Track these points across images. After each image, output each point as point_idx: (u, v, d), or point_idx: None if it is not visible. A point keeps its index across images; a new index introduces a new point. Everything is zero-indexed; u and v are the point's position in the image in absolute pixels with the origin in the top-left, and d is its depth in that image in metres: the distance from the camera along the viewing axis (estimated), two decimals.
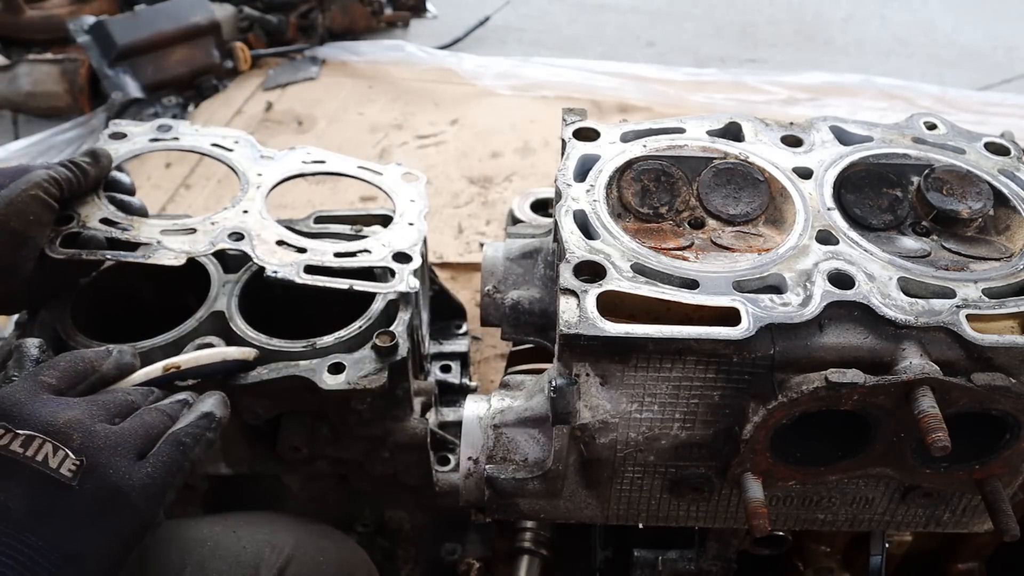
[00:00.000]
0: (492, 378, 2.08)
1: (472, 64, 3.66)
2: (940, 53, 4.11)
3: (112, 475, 0.81)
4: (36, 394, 0.85)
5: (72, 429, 0.82)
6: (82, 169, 1.20)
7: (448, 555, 1.60)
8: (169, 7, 3.40)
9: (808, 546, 1.46)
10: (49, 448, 0.79)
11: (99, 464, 0.81)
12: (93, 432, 0.83)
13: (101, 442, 0.83)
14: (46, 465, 0.79)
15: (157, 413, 0.90)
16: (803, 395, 0.91)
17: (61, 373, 0.89)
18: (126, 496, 0.82)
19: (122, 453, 0.83)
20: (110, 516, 0.81)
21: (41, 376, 0.88)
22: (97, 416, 0.85)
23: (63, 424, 0.82)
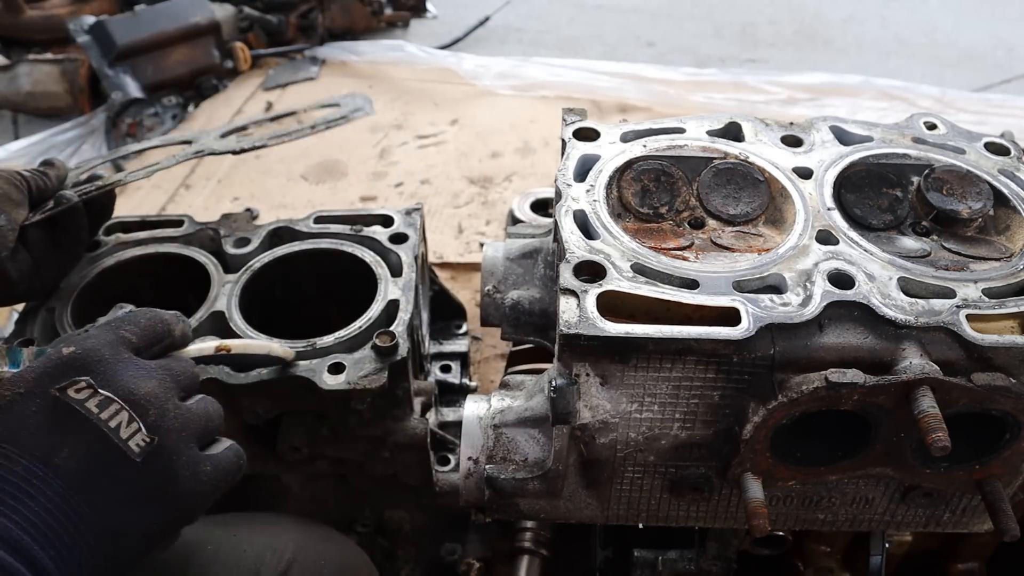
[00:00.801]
0: (492, 378, 2.08)
1: (472, 64, 3.66)
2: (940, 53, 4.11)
3: (175, 462, 0.80)
4: (118, 351, 0.82)
5: (150, 403, 0.80)
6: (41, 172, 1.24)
7: (448, 555, 1.60)
8: (169, 7, 3.40)
9: (808, 546, 1.46)
10: (124, 417, 0.77)
11: (165, 447, 0.79)
12: (166, 411, 0.81)
13: (171, 423, 0.81)
14: (117, 433, 0.76)
15: (214, 405, 0.89)
16: (803, 395, 0.91)
17: (142, 331, 0.87)
18: (180, 486, 0.80)
19: (187, 440, 0.82)
20: (162, 502, 0.80)
21: (122, 331, 0.85)
22: (172, 390, 0.83)
23: (143, 395, 0.80)
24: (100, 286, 1.34)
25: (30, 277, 1.21)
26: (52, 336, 1.24)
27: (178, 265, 1.37)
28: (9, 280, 1.17)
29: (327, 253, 1.38)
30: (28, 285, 1.22)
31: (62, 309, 1.27)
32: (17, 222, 1.16)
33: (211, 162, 3.01)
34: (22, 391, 0.77)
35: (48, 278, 1.27)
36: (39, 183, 1.22)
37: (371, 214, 1.46)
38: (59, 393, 0.76)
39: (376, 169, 3.00)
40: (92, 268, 1.34)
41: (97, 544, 0.75)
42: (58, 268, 1.29)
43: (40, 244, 1.21)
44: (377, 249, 1.38)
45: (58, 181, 1.27)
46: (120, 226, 1.46)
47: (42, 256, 1.22)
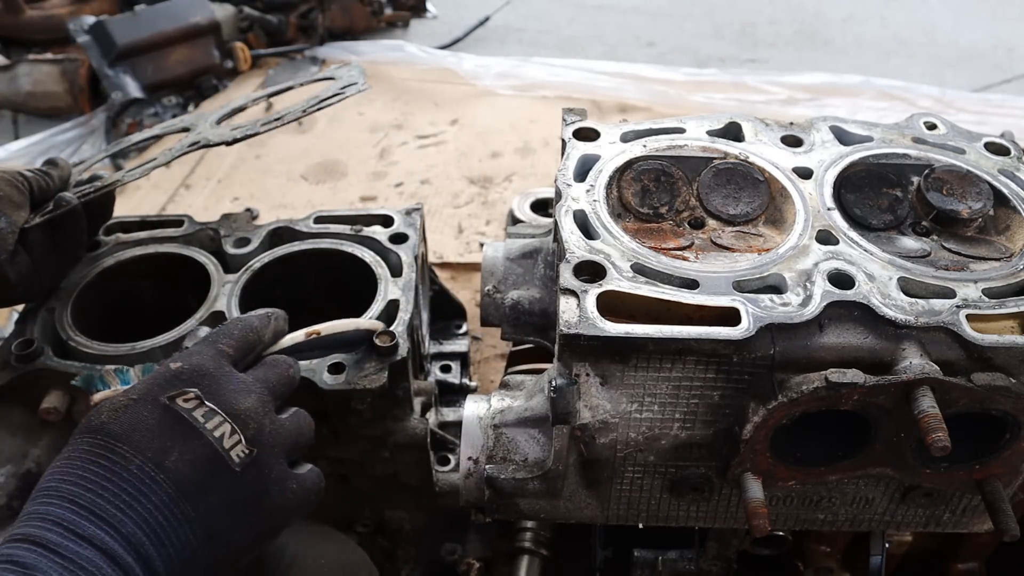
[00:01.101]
0: (492, 378, 2.08)
1: (472, 64, 3.66)
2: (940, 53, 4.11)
3: (267, 475, 0.85)
4: (221, 365, 0.87)
5: (249, 417, 0.84)
6: (44, 172, 1.25)
7: (448, 555, 1.60)
8: (169, 7, 3.41)
9: (808, 546, 1.46)
10: (227, 429, 0.82)
11: (261, 461, 0.84)
12: (263, 425, 0.86)
13: (267, 438, 0.85)
14: (220, 443, 0.81)
15: (306, 420, 0.94)
16: (803, 395, 0.91)
17: (237, 343, 0.92)
18: (270, 499, 0.85)
19: (278, 455, 0.87)
20: (255, 513, 0.84)
21: (220, 344, 0.90)
22: (268, 404, 0.88)
23: (243, 410, 0.84)
24: (100, 286, 1.33)
25: (29, 279, 1.21)
26: (52, 336, 1.24)
27: (178, 265, 1.37)
28: (8, 282, 1.17)
29: (327, 253, 1.38)
30: (27, 287, 1.22)
31: (62, 309, 1.26)
32: (17, 224, 1.16)
33: (211, 162, 3.01)
34: (135, 397, 0.82)
35: (47, 280, 1.27)
36: (41, 183, 1.22)
37: (371, 214, 1.46)
38: (169, 401, 0.81)
39: (376, 169, 3.00)
40: (92, 268, 1.34)
41: (200, 548, 0.79)
42: (57, 270, 1.29)
43: (39, 246, 1.21)
44: (377, 249, 1.38)
45: (60, 181, 1.27)
46: (120, 226, 1.45)
47: (41, 258, 1.22)
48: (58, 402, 1.16)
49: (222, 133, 1.27)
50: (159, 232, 1.43)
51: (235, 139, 1.22)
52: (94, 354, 1.20)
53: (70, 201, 1.20)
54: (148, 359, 1.20)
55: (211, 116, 1.37)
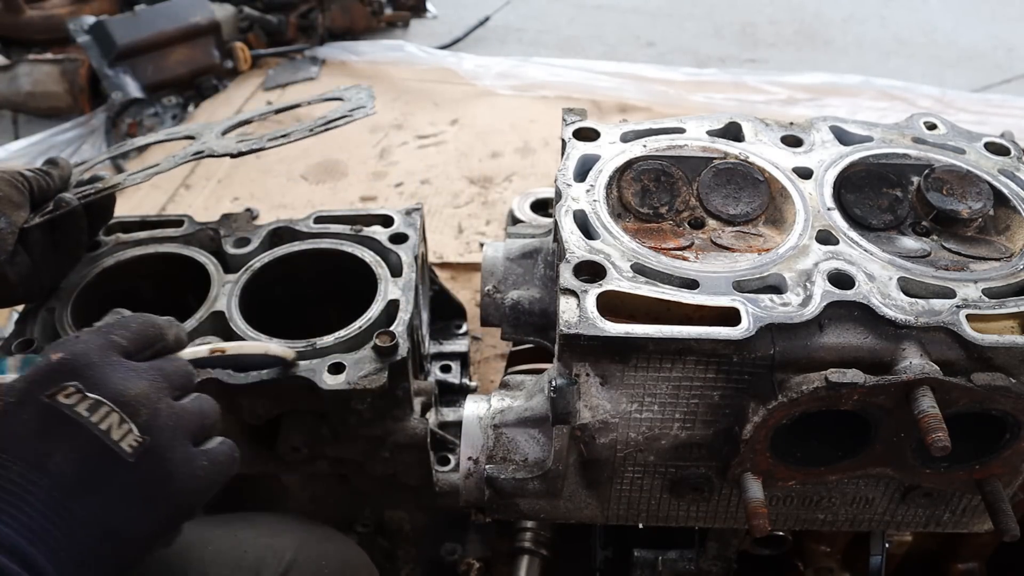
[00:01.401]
0: (492, 378, 2.08)
1: (472, 64, 3.66)
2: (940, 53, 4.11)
3: (169, 461, 0.80)
4: (107, 354, 0.82)
5: (140, 403, 0.80)
6: (44, 171, 1.24)
7: (448, 555, 1.60)
8: (169, 7, 3.40)
9: (808, 546, 1.46)
10: (115, 419, 0.77)
11: (159, 446, 0.79)
12: (158, 410, 0.81)
13: (164, 422, 0.81)
14: (108, 435, 0.77)
15: (210, 403, 0.89)
16: (803, 395, 0.91)
17: (133, 335, 0.86)
18: (177, 483, 0.81)
19: (180, 438, 0.82)
20: (157, 500, 0.80)
21: (113, 335, 0.85)
22: (163, 390, 0.83)
23: (132, 397, 0.80)
24: (100, 286, 1.33)
25: (29, 279, 1.21)
26: (52, 336, 1.24)
27: (178, 265, 1.37)
28: (8, 282, 1.17)
29: (327, 253, 1.38)
30: (27, 287, 1.22)
31: (62, 309, 1.26)
32: (17, 224, 1.16)
33: (211, 162, 3.00)
34: (13, 400, 0.78)
35: (47, 280, 1.27)
36: (41, 183, 1.22)
37: (371, 214, 1.45)
38: (48, 399, 0.77)
39: (376, 169, 3.00)
40: (92, 268, 1.34)
41: (96, 545, 0.76)
42: (57, 270, 1.29)
43: (39, 246, 1.21)
44: (377, 249, 1.38)
45: (61, 181, 1.26)
46: (120, 226, 1.45)
47: (41, 258, 1.22)
48: None
49: (227, 145, 1.27)
50: (159, 232, 1.43)
51: (240, 152, 1.22)
52: None
53: (70, 202, 1.20)
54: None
55: (217, 127, 1.37)
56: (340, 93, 1.37)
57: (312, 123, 1.25)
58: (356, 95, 1.34)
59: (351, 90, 1.37)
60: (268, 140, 1.23)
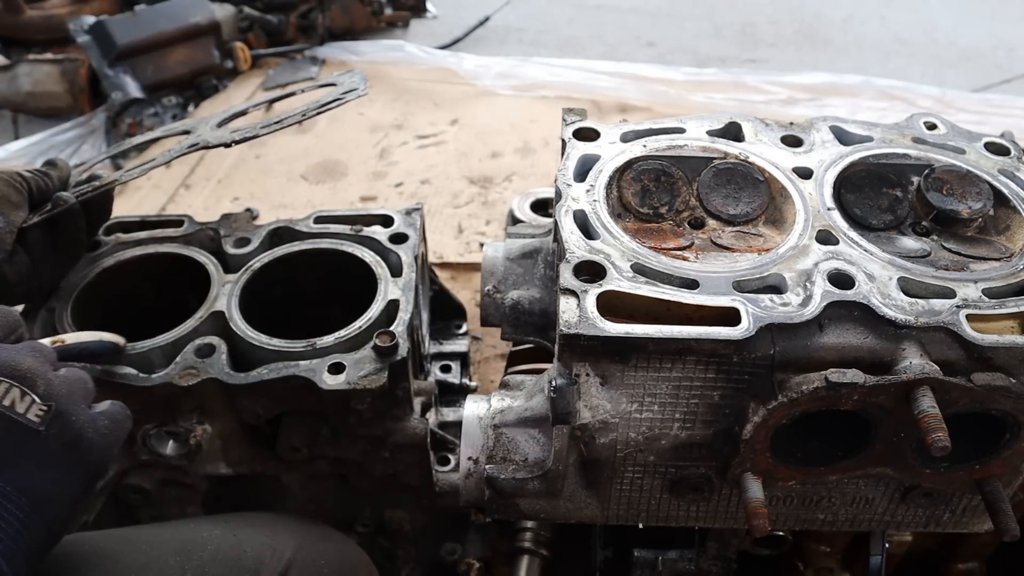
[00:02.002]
0: (492, 378, 2.08)
1: (472, 64, 3.66)
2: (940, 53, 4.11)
3: (75, 422, 0.83)
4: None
5: (35, 375, 0.82)
6: (43, 172, 1.25)
7: (448, 555, 1.60)
8: (169, 7, 3.40)
9: (808, 546, 1.46)
10: (16, 393, 0.79)
11: (63, 412, 0.82)
12: (51, 379, 0.83)
13: (59, 389, 0.83)
14: (13, 410, 0.79)
15: (82, 371, 0.91)
16: (803, 395, 0.91)
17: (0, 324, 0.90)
18: (88, 443, 0.83)
19: (77, 401, 0.85)
20: (74, 461, 0.82)
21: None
22: (46, 363, 0.86)
23: (26, 369, 0.82)
24: (100, 286, 1.33)
25: (28, 279, 1.21)
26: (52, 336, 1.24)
27: (178, 265, 1.37)
28: (7, 282, 1.17)
29: (327, 253, 1.38)
30: (26, 287, 1.22)
31: (62, 309, 1.26)
32: (15, 224, 1.16)
33: (211, 162, 3.01)
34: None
35: (46, 280, 1.27)
36: (40, 184, 1.22)
37: (371, 214, 1.45)
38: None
39: (376, 169, 3.00)
40: (92, 268, 1.34)
41: (27, 515, 0.77)
42: (56, 269, 1.29)
43: (38, 245, 1.21)
44: (377, 249, 1.38)
45: (60, 182, 1.27)
46: (120, 226, 1.45)
47: (40, 257, 1.22)
48: None
49: (221, 135, 1.27)
50: (159, 232, 1.43)
51: (234, 141, 1.22)
52: None
53: (67, 200, 1.20)
54: (148, 359, 1.20)
55: (212, 120, 1.37)
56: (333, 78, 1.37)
57: (303, 107, 1.25)
58: (349, 79, 1.33)
59: (344, 75, 1.37)
60: (261, 127, 1.22)
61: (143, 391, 1.16)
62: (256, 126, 1.23)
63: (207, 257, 1.36)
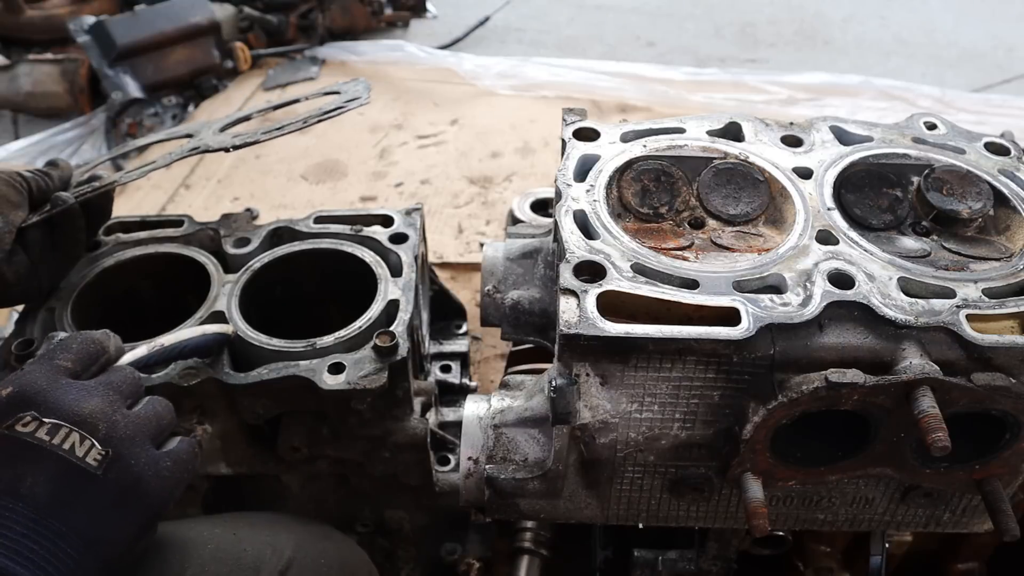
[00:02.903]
0: (492, 378, 2.08)
1: (472, 64, 3.66)
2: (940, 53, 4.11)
3: (133, 465, 0.84)
4: (56, 379, 0.86)
5: (97, 419, 0.84)
6: (44, 172, 1.25)
7: (448, 555, 1.59)
8: (169, 7, 3.40)
9: (808, 546, 1.46)
10: (76, 437, 0.81)
11: (122, 454, 0.83)
12: (115, 422, 0.85)
13: (123, 432, 0.85)
14: (72, 454, 0.81)
15: (163, 404, 0.93)
16: (803, 395, 0.91)
17: (75, 356, 0.90)
18: (146, 485, 0.84)
19: (140, 443, 0.86)
20: (130, 504, 0.83)
21: (57, 360, 0.89)
22: (116, 402, 0.87)
23: (88, 414, 0.84)
24: (100, 286, 1.33)
25: (27, 279, 1.21)
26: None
27: (178, 265, 1.37)
28: (6, 282, 1.17)
29: (327, 253, 1.38)
30: (25, 287, 1.22)
31: (62, 309, 1.26)
32: (15, 224, 1.16)
33: (211, 162, 3.01)
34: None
35: (46, 280, 1.27)
36: (40, 184, 1.22)
37: (371, 214, 1.45)
38: (8, 431, 0.81)
39: (376, 169, 3.00)
40: (92, 268, 1.34)
41: (82, 556, 0.79)
42: (56, 270, 1.29)
43: (37, 245, 1.21)
44: (377, 249, 1.38)
45: (60, 182, 1.27)
46: (120, 226, 1.45)
47: (40, 258, 1.22)
48: None
49: (222, 140, 1.27)
50: (159, 232, 1.43)
51: (235, 146, 1.23)
52: None
53: (66, 200, 1.20)
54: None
55: (215, 124, 1.37)
56: (337, 87, 1.37)
57: (305, 114, 1.25)
58: (353, 87, 1.34)
59: (348, 84, 1.37)
60: (263, 133, 1.23)
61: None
62: (257, 131, 1.24)
63: (207, 257, 1.36)
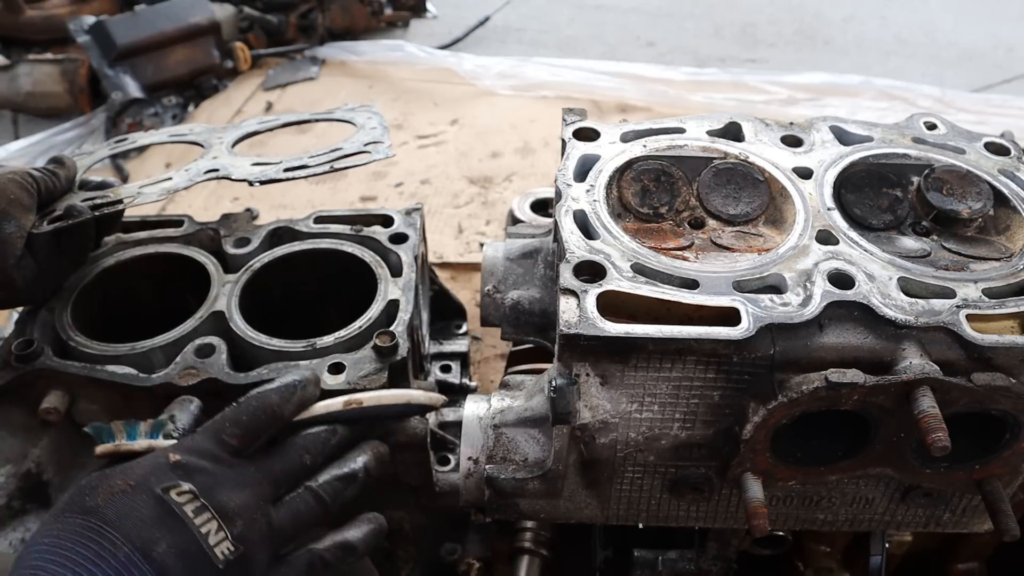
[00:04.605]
0: (492, 378, 2.08)
1: (472, 64, 3.66)
2: (940, 53, 4.11)
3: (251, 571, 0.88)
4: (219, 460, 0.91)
5: (239, 515, 0.88)
6: (51, 171, 1.26)
7: (448, 555, 1.59)
8: (169, 7, 3.41)
9: (808, 546, 1.46)
10: (214, 526, 0.85)
11: (248, 556, 0.87)
12: (253, 522, 0.89)
13: (255, 535, 0.88)
14: (206, 539, 0.84)
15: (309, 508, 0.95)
16: (803, 395, 0.91)
17: (243, 432, 0.94)
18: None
19: (266, 550, 0.89)
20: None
21: (224, 435, 0.93)
22: (265, 497, 0.91)
23: (233, 508, 0.87)
24: (100, 286, 1.33)
25: (34, 283, 1.21)
26: (52, 336, 1.24)
27: (178, 265, 1.37)
28: (13, 286, 1.17)
29: (327, 253, 1.38)
30: (31, 291, 1.22)
31: (62, 309, 1.26)
32: (26, 228, 1.16)
33: None
34: (132, 484, 0.85)
35: (51, 283, 1.26)
36: (48, 184, 1.22)
37: (371, 214, 1.45)
38: (163, 492, 0.85)
39: (376, 169, 3.00)
40: (92, 268, 1.34)
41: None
42: (61, 274, 1.28)
43: (45, 249, 1.21)
44: (377, 249, 1.38)
45: (67, 182, 1.27)
46: (120, 226, 1.45)
47: (46, 261, 1.22)
48: (58, 402, 1.16)
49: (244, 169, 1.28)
50: (159, 232, 1.42)
51: (259, 182, 1.25)
52: (94, 354, 1.20)
53: (82, 212, 1.20)
54: (148, 359, 1.20)
55: (226, 136, 1.37)
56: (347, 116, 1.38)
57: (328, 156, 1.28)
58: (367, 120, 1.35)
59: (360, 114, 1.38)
60: (285, 170, 1.25)
61: (143, 391, 1.16)
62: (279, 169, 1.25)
63: (207, 257, 1.36)
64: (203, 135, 1.41)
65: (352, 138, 1.32)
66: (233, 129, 1.41)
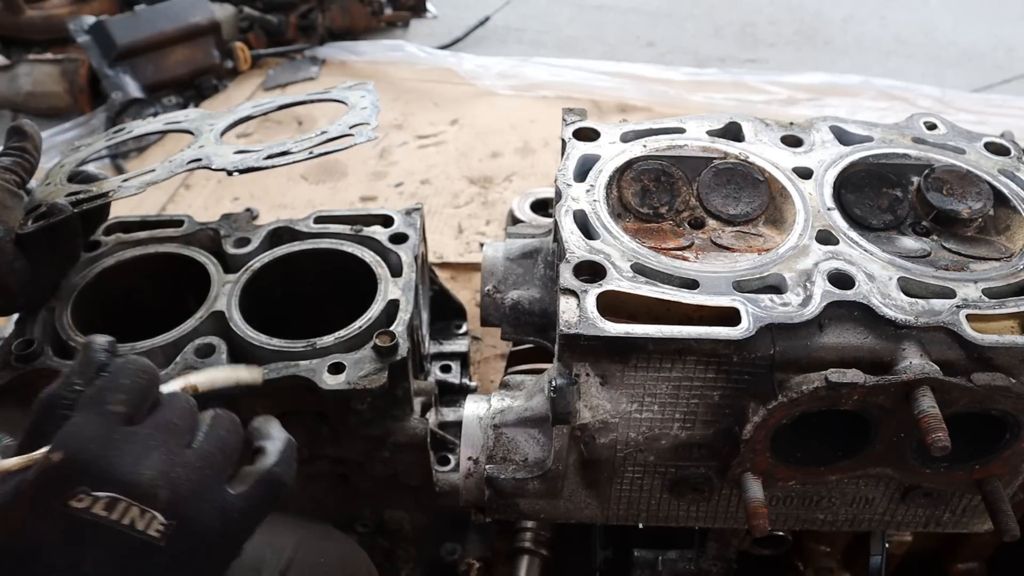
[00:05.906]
0: (492, 378, 2.08)
1: (472, 64, 3.66)
2: (940, 53, 4.11)
3: (199, 525, 0.78)
4: (109, 436, 0.78)
5: (156, 485, 0.76)
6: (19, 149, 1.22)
7: (448, 555, 1.59)
8: (169, 7, 3.40)
9: (808, 546, 1.46)
10: (136, 512, 0.75)
11: (187, 518, 0.77)
12: (175, 479, 0.78)
13: (185, 488, 0.78)
14: (133, 528, 0.75)
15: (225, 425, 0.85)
16: (803, 395, 0.91)
17: (128, 397, 0.81)
18: (214, 539, 0.79)
19: (205, 492, 0.79)
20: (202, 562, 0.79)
21: (108, 406, 0.80)
22: (175, 450, 0.79)
23: (147, 481, 0.76)
24: (100, 286, 1.33)
25: (30, 286, 1.20)
26: (52, 336, 1.24)
27: (178, 265, 1.37)
28: (10, 292, 1.17)
29: (327, 253, 1.38)
30: (28, 294, 1.22)
31: (62, 309, 1.26)
32: (13, 229, 1.15)
33: None
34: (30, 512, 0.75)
35: (47, 283, 1.26)
36: (24, 164, 1.20)
37: (371, 214, 1.45)
38: (62, 507, 0.74)
39: (376, 169, 3.00)
40: (92, 268, 1.34)
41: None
42: (56, 272, 1.28)
43: (37, 247, 1.20)
44: (377, 249, 1.38)
45: (38, 152, 1.24)
46: (120, 226, 1.45)
47: (39, 261, 1.21)
48: None
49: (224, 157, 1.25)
50: (159, 232, 1.42)
51: (237, 170, 1.22)
52: None
53: (64, 209, 1.18)
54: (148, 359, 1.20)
55: (217, 123, 1.36)
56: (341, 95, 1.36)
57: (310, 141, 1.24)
58: (359, 100, 1.32)
59: (354, 93, 1.36)
60: (265, 158, 1.22)
61: None
62: (261, 155, 1.23)
63: (207, 257, 1.36)
64: (196, 122, 1.40)
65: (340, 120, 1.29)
66: (226, 115, 1.40)
